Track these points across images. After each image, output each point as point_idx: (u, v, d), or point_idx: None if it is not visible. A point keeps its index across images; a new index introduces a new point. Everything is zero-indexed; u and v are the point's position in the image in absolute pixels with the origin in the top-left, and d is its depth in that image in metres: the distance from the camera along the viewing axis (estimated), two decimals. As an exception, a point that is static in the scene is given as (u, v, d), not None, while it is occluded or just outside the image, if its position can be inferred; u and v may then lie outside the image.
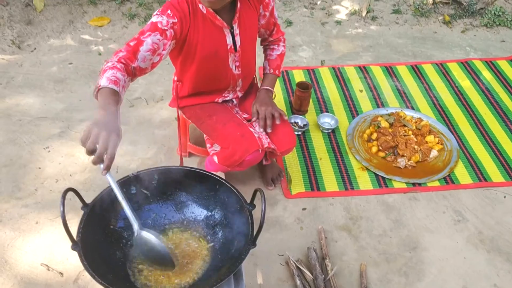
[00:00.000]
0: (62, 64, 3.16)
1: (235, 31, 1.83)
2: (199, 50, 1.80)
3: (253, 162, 1.94)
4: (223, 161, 1.95)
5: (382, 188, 2.33)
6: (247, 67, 2.01)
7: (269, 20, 2.01)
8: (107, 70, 1.51)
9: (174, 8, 1.69)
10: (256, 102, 2.02)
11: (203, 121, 2.04)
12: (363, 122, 2.70)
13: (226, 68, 1.92)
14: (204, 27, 1.76)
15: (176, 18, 1.68)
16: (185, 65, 1.89)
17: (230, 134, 1.91)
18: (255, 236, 1.27)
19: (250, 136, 1.89)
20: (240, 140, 1.88)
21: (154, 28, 1.65)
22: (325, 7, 3.81)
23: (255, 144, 1.87)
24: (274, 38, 2.11)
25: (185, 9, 1.71)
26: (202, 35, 1.77)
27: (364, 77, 3.08)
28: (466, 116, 2.78)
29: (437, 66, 3.19)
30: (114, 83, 1.47)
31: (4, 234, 2.07)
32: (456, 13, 3.75)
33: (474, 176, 2.40)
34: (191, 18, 1.72)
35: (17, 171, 2.37)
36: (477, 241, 2.11)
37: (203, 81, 1.95)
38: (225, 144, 1.93)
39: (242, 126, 1.93)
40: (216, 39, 1.80)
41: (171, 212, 1.51)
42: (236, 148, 1.88)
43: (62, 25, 3.47)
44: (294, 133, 2.06)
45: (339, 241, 2.09)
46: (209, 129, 2.02)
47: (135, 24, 3.52)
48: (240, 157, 1.88)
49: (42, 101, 2.83)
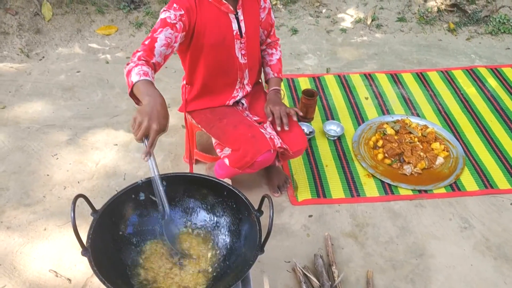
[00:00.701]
0: (70, 72, 3.19)
1: (240, 17, 1.89)
2: (207, 37, 1.84)
3: (265, 163, 1.95)
4: (235, 163, 1.95)
5: (388, 195, 2.34)
6: (253, 56, 2.04)
7: (267, 19, 2.06)
8: (132, 69, 1.57)
9: (179, 0, 1.76)
10: (269, 103, 2.05)
11: (213, 124, 2.05)
12: (368, 129, 2.71)
13: (233, 57, 1.95)
14: (210, 14, 1.82)
15: (182, 10, 1.74)
16: (194, 58, 1.93)
17: (241, 136, 1.92)
18: (263, 242, 1.28)
19: (261, 137, 1.90)
20: (251, 141, 1.89)
21: (164, 24, 1.72)
22: (330, 15, 3.83)
23: (267, 145, 1.88)
24: (272, 40, 2.17)
25: (190, 1, 1.77)
26: (209, 22, 1.82)
27: (369, 84, 3.10)
28: (472, 123, 2.79)
29: (442, 74, 3.20)
30: (145, 75, 1.53)
31: (13, 240, 2.09)
32: (461, 21, 3.76)
33: (480, 183, 2.40)
34: (197, 7, 1.79)
35: (25, 178, 2.39)
36: (484, 248, 2.10)
37: (211, 74, 1.98)
38: (236, 146, 1.94)
39: (253, 128, 1.95)
40: (223, 25, 1.86)
41: (179, 218, 1.52)
42: (247, 149, 1.88)
43: (70, 34, 3.51)
44: (305, 135, 2.07)
45: (345, 248, 2.09)
46: (219, 132, 2.02)
47: (142, 33, 3.56)
48: (251, 158, 1.88)
49: (50, 109, 2.86)
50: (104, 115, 2.81)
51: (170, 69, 3.20)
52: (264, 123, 2.03)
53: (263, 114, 2.08)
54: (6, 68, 3.21)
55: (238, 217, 1.44)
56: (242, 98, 2.14)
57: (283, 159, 2.13)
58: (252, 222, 1.37)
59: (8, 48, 3.33)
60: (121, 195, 1.37)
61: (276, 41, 2.19)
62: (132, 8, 3.69)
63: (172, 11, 1.74)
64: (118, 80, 3.12)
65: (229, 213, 1.48)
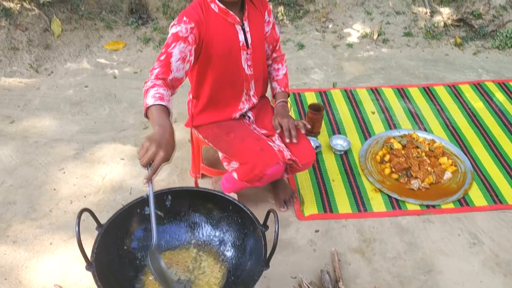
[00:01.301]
0: (78, 87, 3.22)
1: (246, 28, 1.91)
2: (215, 48, 1.86)
3: (274, 176, 1.94)
4: (243, 177, 1.94)
5: (395, 210, 2.32)
6: (259, 67, 2.05)
7: (272, 34, 2.08)
8: (149, 89, 1.62)
9: (188, 14, 1.78)
10: (277, 116, 2.05)
11: (220, 138, 2.04)
12: (375, 144, 2.69)
13: (240, 68, 1.97)
14: (218, 25, 1.84)
15: (192, 23, 1.76)
16: (202, 70, 1.94)
17: (249, 149, 1.92)
18: (268, 257, 1.27)
19: (270, 149, 1.90)
20: (260, 154, 1.88)
21: (177, 38, 1.74)
22: (336, 30, 3.85)
23: (276, 157, 1.88)
24: (277, 55, 2.18)
25: (199, 13, 1.80)
26: (216, 33, 1.84)
27: (376, 99, 3.09)
28: (480, 137, 2.77)
29: (449, 88, 3.20)
30: (160, 99, 1.57)
31: (19, 254, 2.09)
32: (468, 35, 3.76)
33: (489, 198, 2.37)
34: (205, 19, 1.81)
35: (32, 192, 2.40)
36: (493, 264, 2.07)
37: (218, 85, 1.99)
38: (244, 159, 1.93)
39: (261, 141, 1.95)
40: (230, 35, 1.87)
41: (185, 233, 1.52)
42: (256, 162, 1.88)
43: (79, 49, 3.55)
44: (313, 148, 2.07)
45: (352, 264, 2.07)
46: (226, 147, 2.02)
47: (150, 48, 3.59)
48: (261, 171, 1.88)
49: (58, 123, 2.88)
50: (111, 130, 2.83)
51: (177, 84, 3.22)
52: (272, 136, 2.03)
53: (270, 127, 2.08)
54: (16, 83, 3.25)
55: (243, 232, 1.43)
56: (249, 111, 2.15)
57: (292, 172, 2.11)
58: (258, 237, 1.36)
59: (17, 63, 3.37)
60: (126, 210, 1.37)
61: (282, 56, 2.21)
62: (140, 24, 3.73)
63: (183, 25, 1.75)
64: (125, 94, 3.14)
65: (235, 228, 1.47)
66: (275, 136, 2.02)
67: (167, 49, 1.74)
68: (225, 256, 1.45)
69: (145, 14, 3.80)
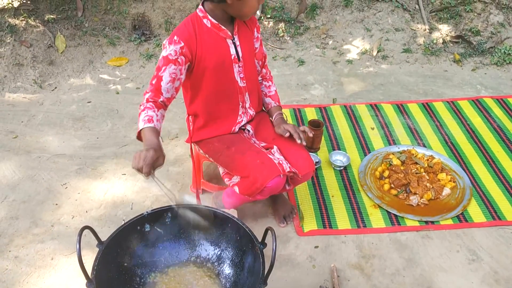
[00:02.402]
0: (81, 102, 3.26)
1: (237, 42, 1.96)
2: (208, 61, 1.91)
3: (275, 189, 1.96)
4: (245, 191, 1.96)
5: (394, 226, 2.33)
6: (251, 79, 2.10)
7: (260, 50, 2.15)
8: (140, 114, 1.82)
9: (179, 32, 1.84)
10: (280, 124, 2.10)
11: (221, 153, 2.07)
12: (375, 160, 2.72)
13: (233, 81, 2.02)
14: (210, 39, 1.89)
15: (182, 42, 1.82)
16: (196, 84, 2.00)
17: (250, 163, 1.94)
18: (266, 275, 1.29)
19: (270, 162, 1.92)
20: (260, 167, 1.90)
21: (167, 61, 1.83)
22: (336, 46, 3.89)
23: (276, 170, 1.90)
24: (266, 71, 2.26)
25: (190, 30, 1.85)
26: (209, 47, 1.89)
27: (375, 114, 3.12)
28: (478, 153, 2.79)
29: (448, 104, 3.22)
30: (148, 121, 1.78)
31: (20, 270, 2.11)
32: (466, 52, 3.80)
33: (488, 215, 2.38)
34: (197, 36, 1.86)
35: (35, 207, 2.42)
36: (492, 281, 2.08)
37: (214, 100, 2.04)
38: (245, 173, 1.95)
39: (261, 154, 1.97)
40: (221, 49, 1.93)
41: (184, 250, 1.54)
42: (257, 175, 1.90)
43: (82, 65, 3.60)
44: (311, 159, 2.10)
45: (351, 280, 2.08)
46: (228, 161, 2.04)
47: (152, 64, 3.64)
48: (261, 184, 1.89)
49: (61, 138, 2.92)
50: (113, 145, 2.86)
51: (178, 99, 3.25)
52: (271, 148, 2.06)
53: (270, 140, 2.11)
54: (20, 99, 3.29)
55: (241, 249, 1.45)
56: (247, 123, 2.18)
57: (293, 183, 2.12)
58: (256, 255, 1.38)
59: (22, 79, 3.42)
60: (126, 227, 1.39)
61: (270, 74, 2.29)
62: (143, 40, 3.79)
63: (172, 46, 1.81)
64: (127, 110, 3.18)
65: (233, 245, 1.49)
66: (274, 148, 2.05)
67: (158, 72, 1.85)
68: (224, 273, 1.46)
69: (148, 31, 3.85)
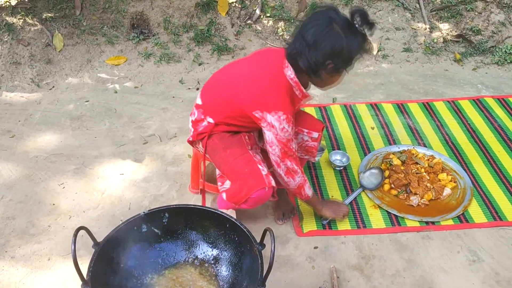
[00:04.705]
0: (79, 101, 3.24)
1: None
2: None
3: (260, 200, 1.94)
4: (230, 198, 1.96)
5: (395, 226, 2.31)
6: None
7: None
8: (304, 186, 2.04)
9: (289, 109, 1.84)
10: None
11: (217, 151, 2.04)
12: (375, 160, 2.69)
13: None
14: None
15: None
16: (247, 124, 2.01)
17: (239, 170, 1.93)
18: (265, 277, 1.27)
19: (257, 173, 1.90)
20: (247, 177, 1.89)
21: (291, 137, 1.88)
22: (336, 45, 3.87)
23: (262, 182, 1.87)
24: None
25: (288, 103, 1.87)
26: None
27: (375, 114, 3.10)
28: (479, 153, 2.76)
29: (448, 104, 3.20)
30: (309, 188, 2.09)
31: (16, 270, 2.08)
32: (467, 51, 3.78)
33: (488, 215, 2.36)
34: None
35: (31, 207, 2.40)
36: (493, 282, 2.06)
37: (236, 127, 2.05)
38: (233, 178, 1.95)
39: (252, 163, 1.94)
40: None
41: (181, 251, 1.52)
42: (242, 184, 1.89)
43: (80, 64, 3.57)
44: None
45: (351, 281, 2.06)
46: (220, 162, 2.03)
47: (151, 63, 3.61)
48: (246, 194, 1.88)
49: (58, 138, 2.89)
50: (111, 144, 2.84)
51: (177, 99, 3.24)
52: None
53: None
54: (17, 98, 3.27)
55: (240, 250, 1.43)
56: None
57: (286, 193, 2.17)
58: (254, 256, 1.36)
59: (19, 78, 3.40)
60: (122, 227, 1.36)
61: None
62: (141, 39, 3.76)
63: (292, 127, 1.86)
64: (125, 109, 3.15)
65: (231, 246, 1.47)
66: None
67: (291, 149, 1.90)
68: (221, 274, 1.44)
69: (146, 29, 3.83)
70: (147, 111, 3.14)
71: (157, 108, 3.16)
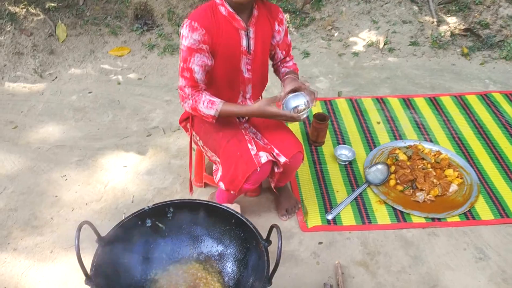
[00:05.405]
0: (82, 93, 3.21)
1: (250, 35, 1.90)
2: (219, 52, 1.87)
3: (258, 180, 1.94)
4: (228, 185, 1.94)
5: (400, 222, 2.29)
6: (258, 73, 2.04)
7: (285, 40, 2.09)
8: (197, 107, 1.86)
9: (199, 18, 1.78)
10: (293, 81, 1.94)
11: (210, 135, 2.04)
12: (380, 155, 2.66)
13: (238, 70, 1.97)
14: (224, 29, 1.84)
15: (203, 29, 1.77)
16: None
17: (232, 154, 1.92)
18: (271, 274, 1.24)
19: (247, 155, 1.89)
20: (239, 162, 1.89)
21: (191, 52, 1.80)
22: (342, 38, 3.83)
23: (252, 164, 1.87)
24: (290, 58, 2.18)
25: (208, 16, 1.81)
26: (222, 37, 1.84)
27: (381, 108, 3.06)
28: (486, 149, 2.73)
29: (455, 99, 3.16)
30: (212, 103, 1.85)
31: (19, 262, 2.07)
32: (475, 45, 3.73)
33: (495, 212, 2.33)
34: (214, 22, 1.82)
35: (34, 199, 2.38)
36: (500, 280, 2.04)
37: (218, 86, 1.99)
38: (228, 163, 1.94)
39: (242, 144, 1.93)
40: (233, 40, 1.88)
41: (186, 246, 1.49)
42: (237, 169, 1.89)
43: (83, 55, 3.54)
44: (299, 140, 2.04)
45: (356, 277, 2.04)
46: (215, 145, 2.02)
47: (155, 55, 3.58)
48: (240, 180, 1.89)
49: (61, 129, 2.87)
50: (114, 136, 2.81)
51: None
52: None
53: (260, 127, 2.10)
54: (19, 88, 3.24)
55: (245, 247, 1.41)
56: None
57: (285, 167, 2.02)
58: (260, 252, 1.34)
59: (22, 68, 3.37)
60: (126, 222, 1.34)
61: (292, 61, 2.18)
62: (145, 30, 3.73)
63: (194, 34, 1.77)
64: (129, 101, 3.12)
65: (237, 242, 1.45)
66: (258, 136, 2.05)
67: (186, 64, 1.81)
68: (226, 271, 1.42)
69: (150, 20, 3.79)
70: (150, 103, 3.11)
71: (160, 100, 3.13)
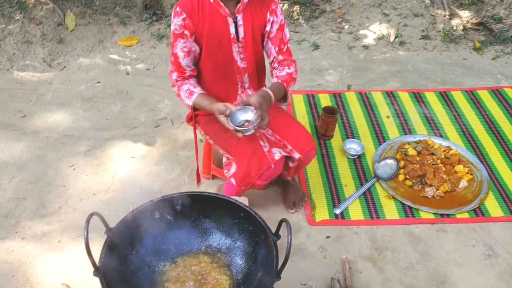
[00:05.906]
0: (90, 82, 3.20)
1: (239, 22, 1.88)
2: (205, 38, 1.86)
3: (271, 176, 1.94)
4: (240, 182, 1.93)
5: (409, 218, 2.27)
6: (252, 61, 2.00)
7: (278, 34, 1.96)
8: (180, 95, 1.95)
9: (181, 3, 1.81)
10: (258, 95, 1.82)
11: (219, 135, 2.03)
12: (390, 149, 2.64)
13: (231, 60, 1.95)
14: (210, 16, 1.84)
15: (184, 13, 1.79)
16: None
17: (244, 152, 1.91)
18: (280, 268, 1.24)
19: (260, 153, 1.88)
20: (252, 160, 1.87)
21: (175, 37, 1.85)
22: (352, 31, 3.79)
23: (266, 162, 1.86)
24: (284, 58, 2.01)
25: (193, 2, 1.81)
26: (208, 24, 1.84)
27: (391, 102, 3.04)
28: (497, 145, 2.70)
29: (466, 94, 3.13)
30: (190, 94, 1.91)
31: (27, 251, 2.08)
32: (487, 39, 3.68)
33: (505, 209, 2.31)
34: (199, 9, 1.82)
35: (42, 189, 2.39)
36: (509, 278, 2.02)
37: (212, 78, 1.99)
38: (240, 161, 1.93)
39: (254, 141, 1.92)
40: (219, 27, 1.87)
41: (195, 239, 1.49)
42: (249, 169, 1.88)
43: (92, 44, 3.53)
44: (311, 136, 2.03)
45: (363, 272, 2.03)
46: (226, 144, 2.01)
47: (163, 45, 3.56)
48: (253, 177, 1.88)
49: (69, 119, 2.87)
50: (122, 127, 2.81)
51: (189, 82, 3.19)
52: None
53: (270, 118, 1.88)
54: (28, 77, 3.24)
55: (254, 240, 1.40)
56: None
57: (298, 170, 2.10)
58: (269, 246, 1.33)
59: (31, 57, 3.36)
60: (135, 214, 1.34)
61: (291, 61, 2.02)
62: (154, 20, 3.71)
63: (176, 19, 1.81)
64: (137, 91, 3.12)
65: (245, 236, 1.44)
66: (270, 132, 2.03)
67: (172, 49, 1.88)
68: (235, 264, 1.42)
69: (159, 10, 3.77)
70: (159, 93, 3.10)
71: (169, 91, 3.12)
